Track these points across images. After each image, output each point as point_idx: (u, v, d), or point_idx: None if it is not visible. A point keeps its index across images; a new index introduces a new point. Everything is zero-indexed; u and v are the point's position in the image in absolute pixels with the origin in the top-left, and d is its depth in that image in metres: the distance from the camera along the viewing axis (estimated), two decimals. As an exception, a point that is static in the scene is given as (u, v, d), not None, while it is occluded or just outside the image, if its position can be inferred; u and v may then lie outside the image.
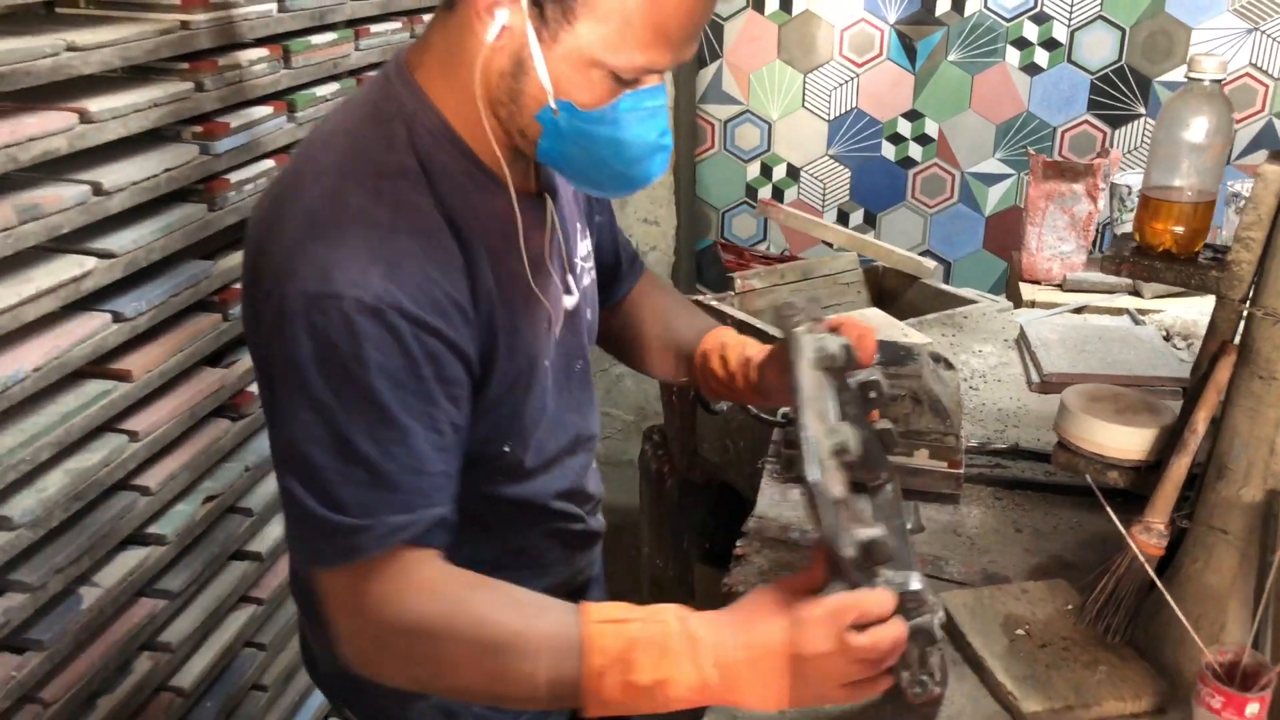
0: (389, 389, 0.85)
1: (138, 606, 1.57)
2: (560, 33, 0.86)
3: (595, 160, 0.92)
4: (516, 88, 0.89)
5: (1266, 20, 3.24)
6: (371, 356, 0.84)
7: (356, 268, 0.85)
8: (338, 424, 0.86)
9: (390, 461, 0.87)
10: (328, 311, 0.84)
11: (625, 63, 0.87)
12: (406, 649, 0.89)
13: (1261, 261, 1.04)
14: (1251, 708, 0.91)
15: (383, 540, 0.87)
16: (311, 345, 0.85)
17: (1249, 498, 1.05)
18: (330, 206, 0.88)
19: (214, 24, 1.58)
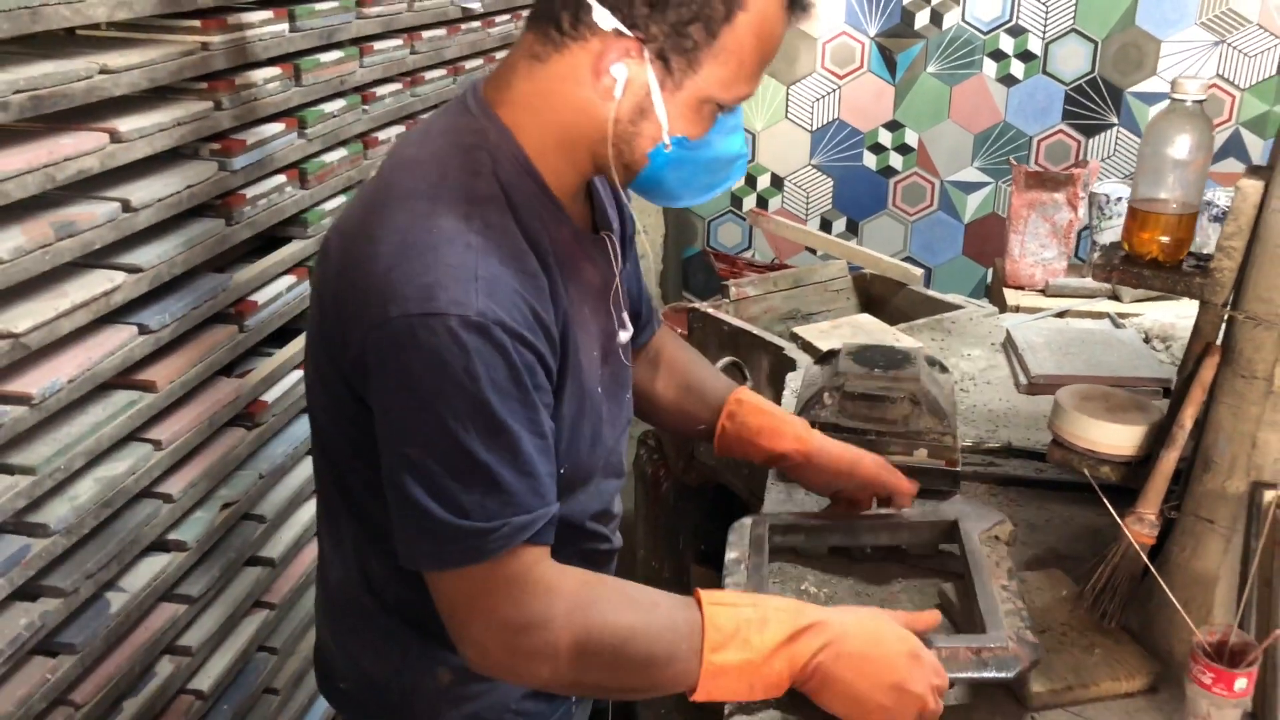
0: (498, 399, 0.90)
1: (160, 611, 1.61)
2: (685, 81, 0.95)
3: (688, 179, 1.01)
4: (634, 130, 0.97)
5: (1233, 33, 3.35)
6: (480, 369, 0.89)
7: (457, 287, 0.90)
8: (455, 435, 0.90)
9: (505, 467, 0.92)
10: (435, 330, 0.88)
11: (735, 96, 0.97)
12: (533, 647, 0.94)
13: (1242, 268, 1.11)
14: (1240, 683, 0.98)
15: (507, 541, 0.92)
16: (422, 363, 0.89)
17: (1233, 489, 1.12)
18: (423, 229, 0.93)
19: (231, 45, 1.63)
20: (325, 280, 1.00)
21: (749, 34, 0.94)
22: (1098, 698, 1.13)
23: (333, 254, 0.99)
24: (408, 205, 0.95)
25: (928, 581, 1.34)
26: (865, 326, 2.09)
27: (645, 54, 0.94)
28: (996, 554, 1.26)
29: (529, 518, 0.94)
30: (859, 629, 1.02)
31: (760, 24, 0.94)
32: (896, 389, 1.48)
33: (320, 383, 1.04)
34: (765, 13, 0.94)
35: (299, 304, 1.89)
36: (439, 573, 0.95)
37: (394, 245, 0.92)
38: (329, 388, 1.01)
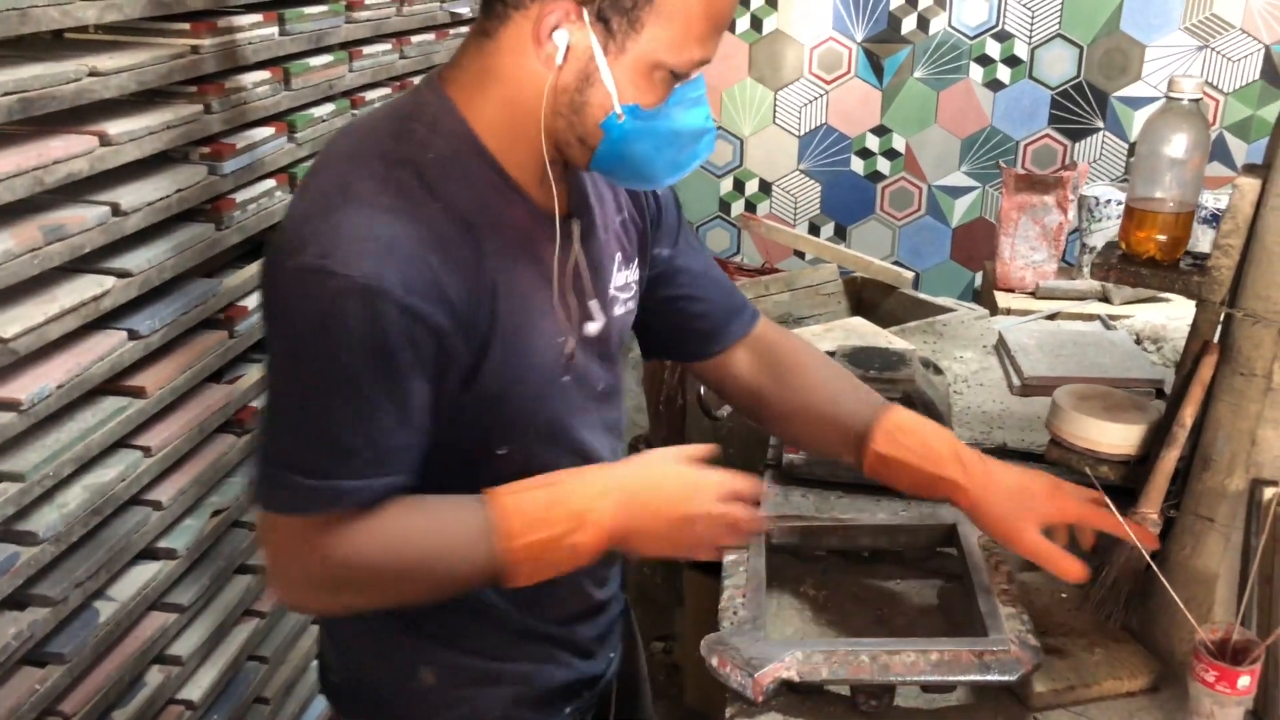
0: (362, 365, 0.91)
1: (150, 620, 1.59)
2: (627, 43, 0.92)
3: (650, 155, 0.97)
4: (580, 100, 0.94)
5: (1216, 38, 3.38)
6: (352, 333, 0.89)
7: (352, 248, 0.89)
8: (309, 389, 0.92)
9: (350, 431, 0.93)
10: (321, 285, 0.89)
11: (686, 59, 0.93)
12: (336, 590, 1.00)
13: (1239, 266, 1.12)
14: (1243, 680, 0.98)
15: (330, 504, 0.94)
16: (300, 315, 0.91)
17: (1233, 487, 1.12)
18: (337, 188, 0.94)
19: (221, 48, 1.62)
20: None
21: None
22: (1100, 697, 1.13)
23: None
24: (333, 166, 0.97)
25: (926, 584, 1.34)
26: (858, 330, 2.09)
27: (585, 16, 0.91)
28: (995, 557, 1.26)
29: (358, 484, 0.94)
30: (641, 481, 1.03)
31: None
32: (892, 390, 1.48)
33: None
34: None
35: (289, 309, 1.87)
36: (260, 511, 0.97)
37: (310, 200, 0.95)
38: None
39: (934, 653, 1.08)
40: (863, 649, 1.09)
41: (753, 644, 1.10)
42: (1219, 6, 3.34)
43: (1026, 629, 1.12)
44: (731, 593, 1.22)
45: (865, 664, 1.07)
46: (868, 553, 1.37)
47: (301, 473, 0.93)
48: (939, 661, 1.07)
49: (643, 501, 1.02)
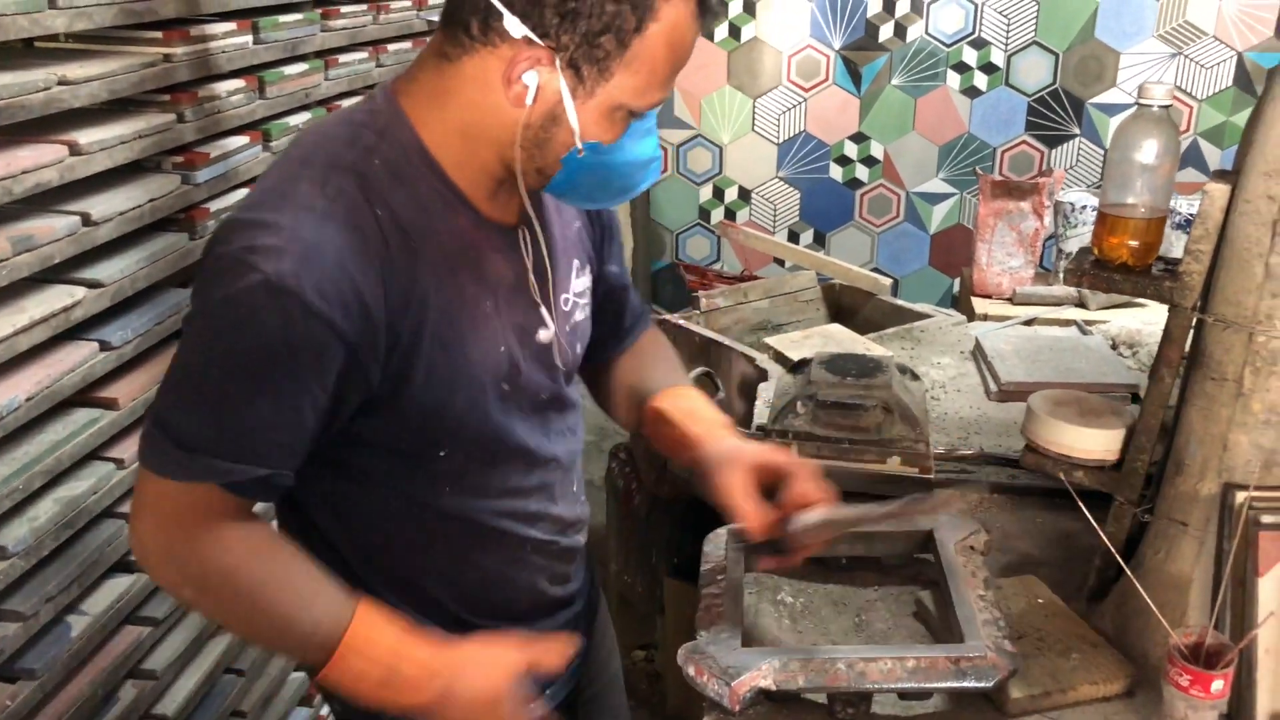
0: (261, 357, 0.93)
1: (123, 634, 1.57)
2: (595, 89, 0.96)
3: (603, 181, 1.02)
4: (544, 136, 0.98)
5: (1189, 45, 3.41)
6: (259, 326, 0.92)
7: (275, 248, 0.92)
8: (207, 366, 0.95)
9: (233, 416, 0.95)
10: (240, 277, 0.91)
11: (648, 103, 0.98)
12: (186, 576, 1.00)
13: (1210, 271, 1.12)
14: (1217, 684, 0.98)
15: (196, 475, 0.96)
16: (214, 297, 0.94)
17: (1205, 491, 1.13)
18: (278, 189, 0.97)
19: (194, 56, 1.60)
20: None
21: (660, 43, 0.95)
22: (1076, 702, 1.13)
23: None
24: (283, 167, 1.00)
25: (904, 590, 1.34)
26: (836, 336, 2.09)
27: (556, 62, 0.94)
28: (972, 563, 1.26)
29: (228, 466, 0.96)
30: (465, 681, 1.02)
31: (671, 32, 0.95)
32: (869, 397, 1.48)
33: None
34: (676, 22, 0.95)
35: (265, 319, 1.86)
36: (140, 470, 0.99)
37: (255, 196, 0.98)
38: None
39: (910, 660, 1.08)
40: (839, 656, 1.08)
41: (729, 653, 1.10)
42: (1192, 14, 3.37)
43: (1003, 635, 1.12)
44: (709, 601, 1.22)
45: (842, 672, 1.07)
46: (845, 560, 1.37)
47: (178, 440, 0.95)
48: (915, 668, 1.07)
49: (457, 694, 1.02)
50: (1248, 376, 1.08)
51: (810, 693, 1.10)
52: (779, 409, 1.54)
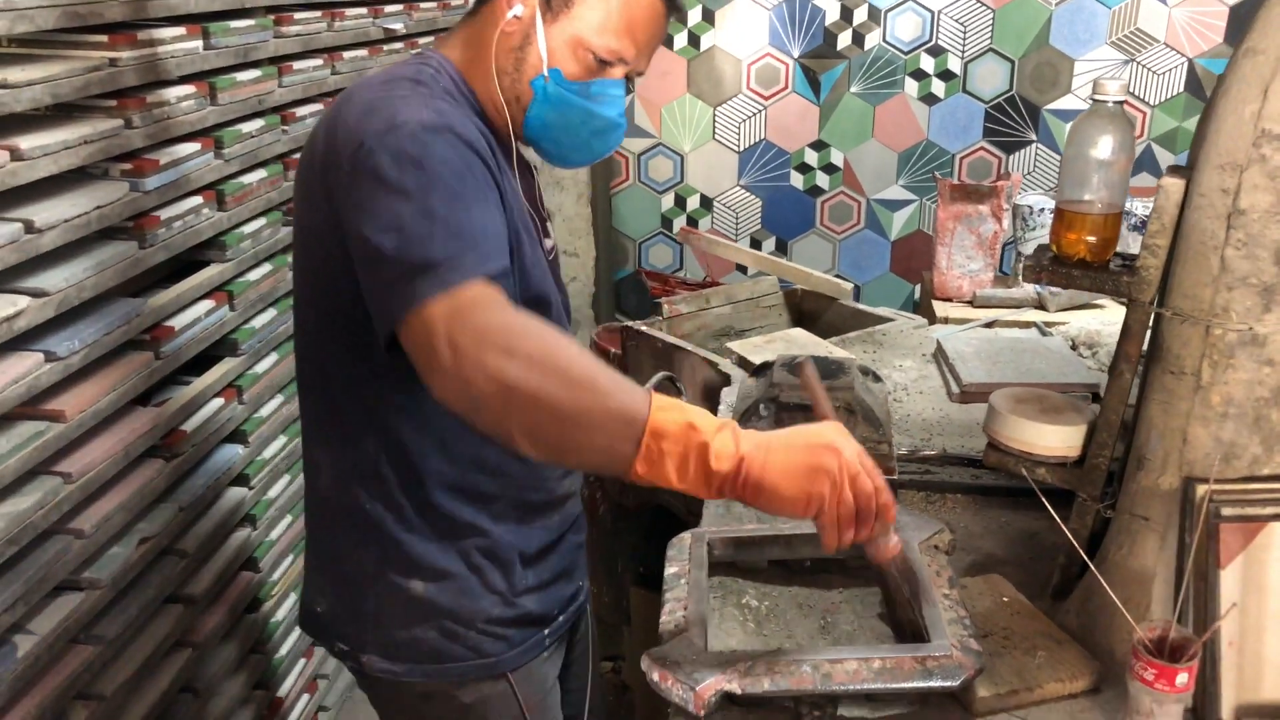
0: (454, 176, 1.04)
1: (73, 654, 1.53)
2: (560, 16, 1.15)
3: (569, 127, 1.18)
4: (520, 57, 1.16)
5: (1141, 51, 3.46)
6: (439, 152, 1.04)
7: (413, 110, 1.06)
8: (418, 198, 1.02)
9: (464, 222, 1.02)
10: (399, 133, 1.03)
11: (604, 45, 1.15)
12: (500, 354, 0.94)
13: (1167, 266, 1.13)
14: (1181, 677, 0.98)
15: (473, 269, 1.00)
16: (389, 158, 1.03)
17: (1166, 485, 1.13)
18: (383, 98, 1.08)
19: (141, 61, 1.57)
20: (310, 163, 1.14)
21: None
22: (1042, 700, 1.12)
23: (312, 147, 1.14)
24: (368, 89, 1.11)
25: (869, 591, 1.32)
26: (798, 340, 2.09)
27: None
28: (936, 563, 1.25)
29: (487, 257, 1.02)
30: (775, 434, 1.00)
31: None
32: (831, 398, 1.47)
33: (311, 273, 1.18)
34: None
35: (218, 329, 1.83)
36: (417, 310, 0.97)
37: (359, 110, 1.08)
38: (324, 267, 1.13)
39: (876, 660, 1.06)
40: (804, 659, 1.07)
41: (694, 657, 1.08)
42: (1143, 21, 3.42)
43: (969, 633, 1.11)
44: (673, 606, 1.20)
45: (808, 674, 1.06)
46: (810, 562, 1.35)
47: (434, 259, 0.99)
48: (881, 669, 1.06)
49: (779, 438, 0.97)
50: (1206, 369, 1.08)
51: (776, 696, 1.09)
52: (742, 412, 1.53)
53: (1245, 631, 1.05)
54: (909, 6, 3.50)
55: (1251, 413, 1.08)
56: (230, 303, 1.86)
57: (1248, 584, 1.06)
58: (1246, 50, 1.03)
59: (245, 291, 1.89)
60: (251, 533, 1.96)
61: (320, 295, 1.18)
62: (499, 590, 1.26)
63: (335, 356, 1.19)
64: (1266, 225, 1.03)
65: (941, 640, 1.09)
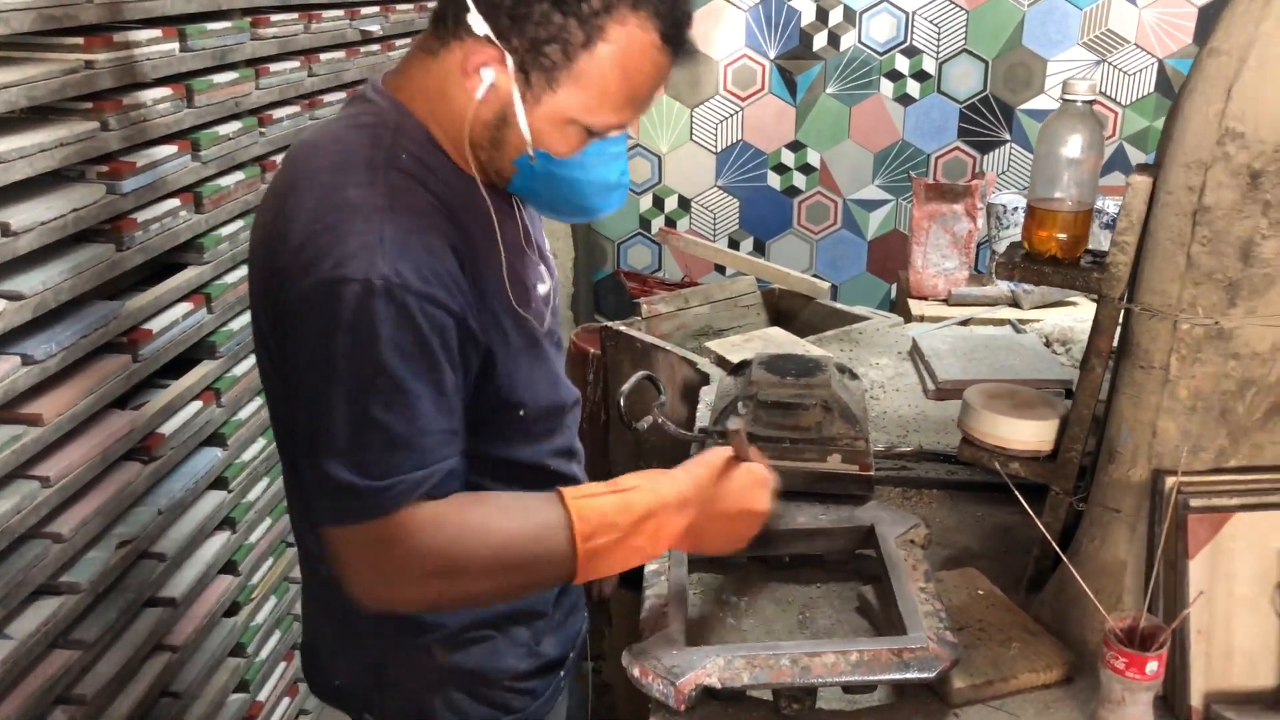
0: (399, 360, 0.94)
1: (52, 658, 1.52)
2: (543, 95, 0.98)
3: (561, 196, 1.06)
4: (499, 136, 1.01)
5: (1113, 52, 3.50)
6: (383, 332, 0.92)
7: (365, 253, 0.92)
8: (356, 396, 0.94)
9: (404, 425, 0.95)
10: (342, 296, 0.92)
11: (601, 123, 1.00)
12: (424, 580, 0.98)
13: (1135, 262, 1.15)
14: (1151, 665, 1.00)
15: (404, 495, 0.95)
16: (329, 327, 0.93)
17: (1136, 477, 1.15)
18: (331, 203, 0.96)
19: (117, 63, 1.57)
20: (254, 273, 1.05)
21: (612, 65, 0.96)
22: (1017, 690, 1.14)
23: (256, 248, 1.04)
24: (315, 183, 0.98)
25: (846, 586, 1.34)
26: (776, 339, 2.10)
27: (509, 64, 0.97)
28: (913, 557, 1.27)
29: (425, 473, 0.96)
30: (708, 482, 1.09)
31: (624, 58, 0.96)
32: (808, 396, 1.49)
33: (275, 372, 1.06)
34: (630, 48, 0.96)
35: (196, 332, 1.82)
36: (341, 530, 0.97)
37: (305, 221, 0.96)
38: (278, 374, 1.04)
39: (854, 653, 1.08)
40: (783, 652, 1.08)
41: (673, 652, 1.10)
42: (1114, 22, 3.46)
43: (944, 626, 1.12)
44: (653, 603, 1.21)
45: (786, 667, 1.07)
46: (788, 558, 1.37)
47: (367, 477, 0.94)
48: (859, 661, 1.07)
49: (711, 501, 1.08)
50: (1174, 363, 1.10)
51: (755, 689, 1.10)
52: (720, 410, 1.54)
53: (1214, 620, 1.08)
54: (884, 8, 3.53)
55: (1218, 406, 1.10)
56: (208, 305, 1.85)
57: (1215, 573, 1.08)
58: (1210, 50, 1.06)
59: (223, 294, 1.89)
60: (231, 536, 1.95)
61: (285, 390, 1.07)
62: (524, 643, 1.22)
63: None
64: (1231, 222, 1.05)
65: (918, 633, 1.11)
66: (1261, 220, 1.04)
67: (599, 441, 2.33)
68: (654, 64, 0.99)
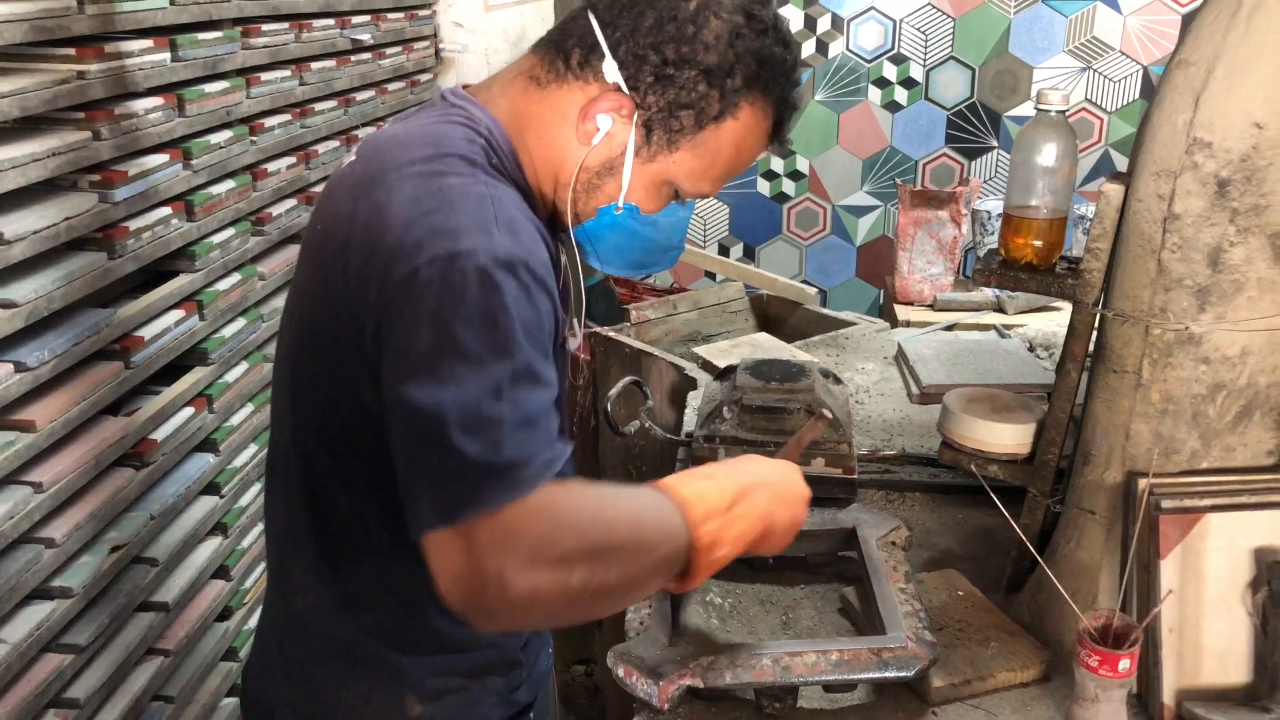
0: (524, 337, 0.88)
1: (44, 662, 1.54)
2: (658, 155, 1.01)
3: (626, 246, 1.06)
4: (597, 183, 1.02)
5: (1099, 59, 3.54)
6: (509, 305, 0.87)
7: (480, 231, 0.88)
8: (485, 371, 0.86)
9: (533, 403, 0.88)
10: (465, 270, 0.86)
11: (696, 190, 1.03)
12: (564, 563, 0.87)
13: (1109, 269, 1.17)
14: (1123, 663, 1.02)
15: (540, 475, 0.86)
16: (452, 303, 0.86)
17: (1111, 480, 1.17)
18: (433, 189, 0.91)
19: (109, 74, 1.59)
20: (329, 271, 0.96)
21: (730, 141, 1.01)
22: (995, 689, 1.16)
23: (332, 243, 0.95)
24: (409, 172, 0.93)
25: (829, 587, 1.36)
26: (763, 345, 2.13)
27: (635, 117, 0.99)
28: (894, 558, 1.29)
29: (554, 454, 0.88)
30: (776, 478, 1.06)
31: (743, 138, 1.01)
32: (793, 400, 1.51)
33: (312, 385, 1.01)
34: (751, 131, 1.01)
35: (188, 339, 1.84)
36: (471, 519, 0.85)
37: (406, 207, 0.90)
38: (329, 383, 0.98)
39: (834, 653, 1.10)
40: (764, 652, 1.10)
41: (657, 652, 1.11)
42: (1099, 30, 3.50)
43: (923, 625, 1.15)
44: (638, 604, 1.23)
45: (767, 667, 1.09)
46: (772, 560, 1.39)
47: (503, 456, 0.85)
48: (839, 661, 1.09)
49: (782, 497, 1.04)
50: (1146, 368, 1.13)
51: (737, 689, 1.12)
52: (706, 414, 1.56)
53: (1184, 619, 1.10)
54: (871, 15, 3.56)
55: (1189, 409, 1.12)
56: (200, 312, 1.87)
57: (1186, 573, 1.10)
58: (1179, 62, 1.08)
59: (215, 301, 1.90)
60: (223, 541, 1.97)
61: (322, 406, 1.01)
62: (497, 691, 1.15)
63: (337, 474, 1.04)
64: (1199, 229, 1.07)
65: (897, 633, 1.13)
66: (1229, 228, 1.06)
67: (589, 446, 2.35)
68: (759, 147, 1.03)
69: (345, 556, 1.07)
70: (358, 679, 1.09)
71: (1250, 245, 1.07)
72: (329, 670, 1.11)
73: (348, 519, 1.05)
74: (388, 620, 1.07)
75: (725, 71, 0.98)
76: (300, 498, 1.08)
